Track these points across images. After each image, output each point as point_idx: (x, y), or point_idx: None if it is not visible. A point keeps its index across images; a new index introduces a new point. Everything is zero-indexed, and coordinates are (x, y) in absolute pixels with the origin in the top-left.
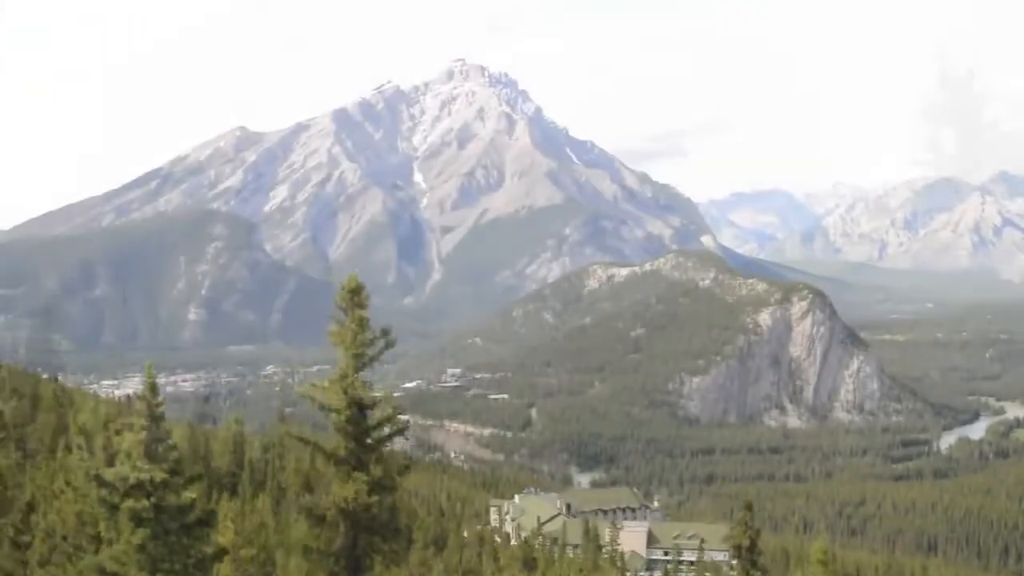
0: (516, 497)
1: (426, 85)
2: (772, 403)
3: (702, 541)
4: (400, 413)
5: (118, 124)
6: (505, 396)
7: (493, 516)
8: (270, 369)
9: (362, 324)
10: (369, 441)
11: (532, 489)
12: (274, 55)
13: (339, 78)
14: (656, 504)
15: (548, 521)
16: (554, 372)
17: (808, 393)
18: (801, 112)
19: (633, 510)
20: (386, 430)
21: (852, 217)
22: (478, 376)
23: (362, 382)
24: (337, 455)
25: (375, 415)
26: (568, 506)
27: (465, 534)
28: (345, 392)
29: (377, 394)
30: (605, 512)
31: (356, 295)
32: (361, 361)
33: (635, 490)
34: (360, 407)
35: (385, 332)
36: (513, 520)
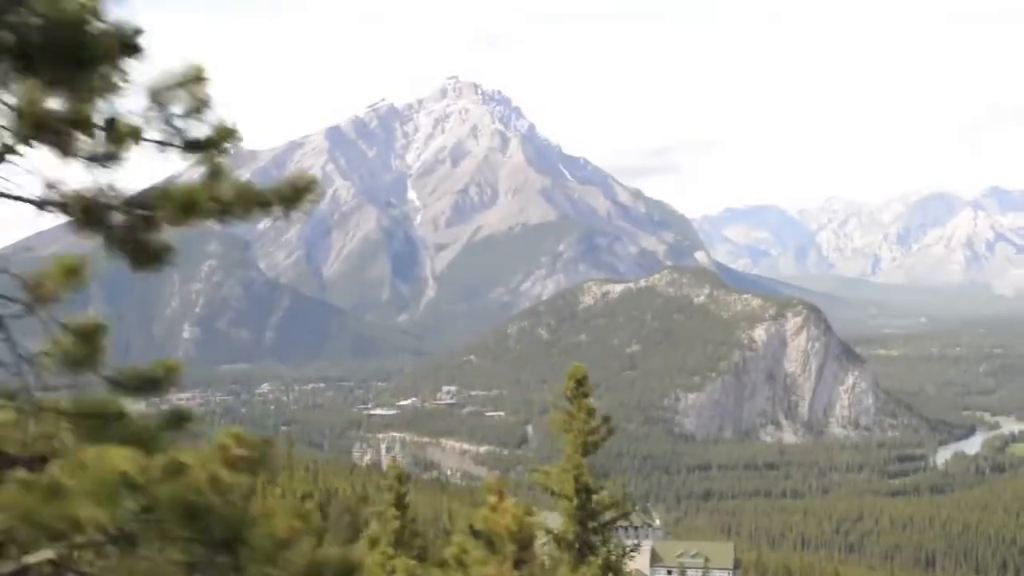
0: None
1: (419, 103)
2: (768, 419)
3: (706, 560)
4: (626, 498)
5: None
6: (501, 413)
7: None
8: (265, 387)
9: (590, 413)
10: (594, 525)
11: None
12: (267, 72)
13: (332, 96)
14: (657, 522)
15: (547, 540)
16: (549, 389)
17: (803, 408)
18: (793, 127)
19: (636, 528)
20: (610, 515)
21: (845, 232)
22: (473, 393)
23: (589, 468)
24: (566, 539)
25: (601, 500)
26: None
27: None
28: (576, 479)
29: (605, 481)
30: None
31: (581, 384)
32: (587, 448)
33: (636, 507)
34: (588, 492)
35: (606, 419)
36: None
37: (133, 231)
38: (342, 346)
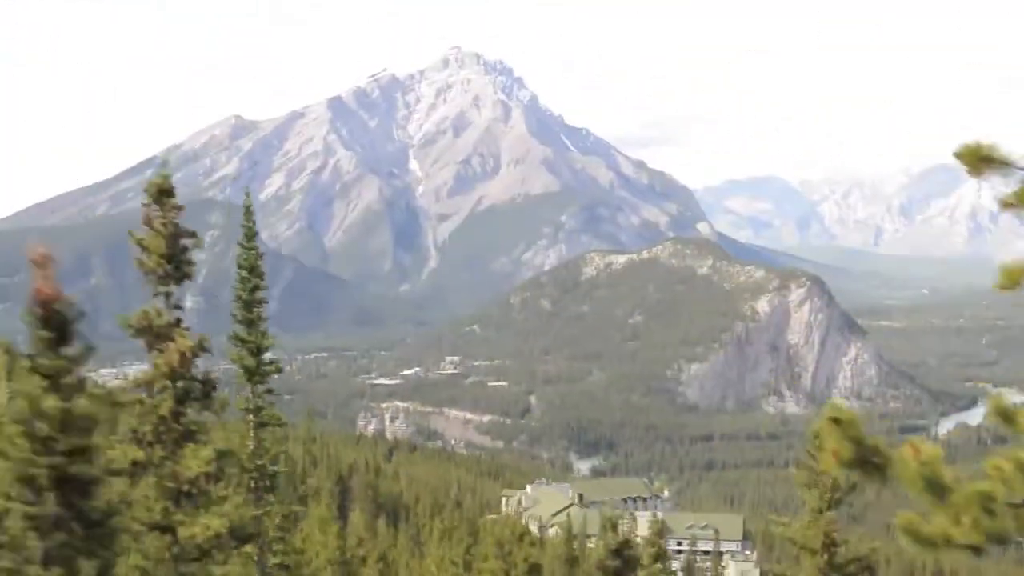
0: (528, 487)
1: (421, 73)
2: (770, 390)
3: (716, 532)
4: (873, 552)
5: (112, 112)
6: (504, 383)
7: (505, 506)
8: (267, 357)
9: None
10: None
11: (544, 480)
12: (269, 43)
13: (334, 66)
14: (666, 493)
15: (561, 512)
16: (552, 359)
17: (806, 380)
18: (796, 99)
19: (644, 500)
20: (855, 567)
21: (848, 203)
22: (476, 363)
23: (835, 523)
24: None
25: (845, 553)
26: (580, 496)
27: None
28: (825, 535)
29: (849, 537)
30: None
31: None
32: (831, 504)
33: (645, 480)
34: (835, 546)
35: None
36: (526, 510)
37: None
38: (344, 316)
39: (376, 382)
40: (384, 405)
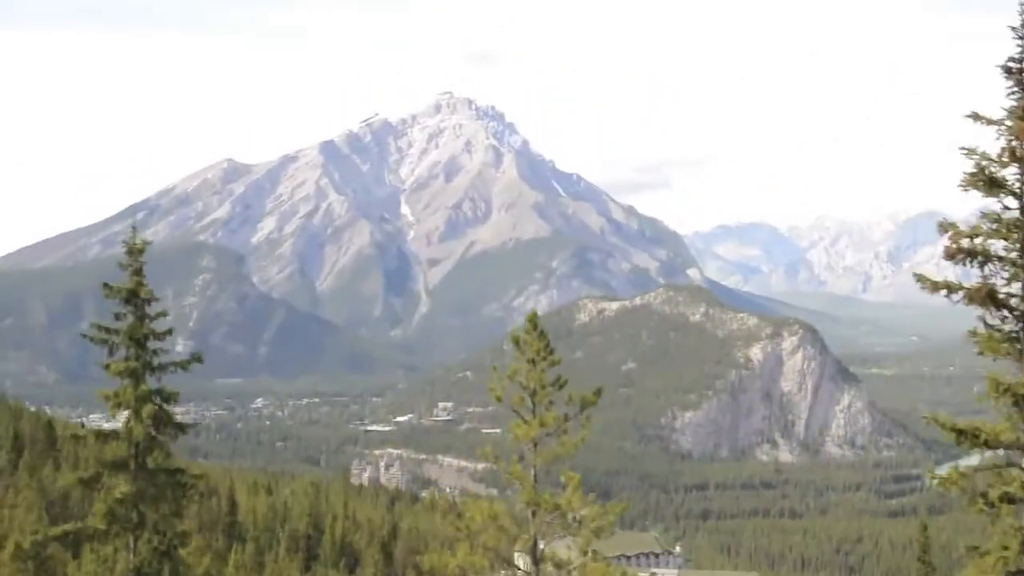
0: (540, 543)
1: (413, 118)
2: (764, 437)
3: None
4: None
5: (104, 155)
6: (497, 430)
7: (519, 562)
8: (259, 402)
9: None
10: None
11: (556, 534)
12: (262, 86)
13: (327, 110)
14: (678, 549)
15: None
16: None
17: (799, 428)
18: (784, 146)
19: (656, 555)
20: None
21: (836, 250)
22: (470, 410)
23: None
24: None
25: None
26: (594, 553)
27: None
28: None
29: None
30: (628, 557)
31: None
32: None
33: (656, 535)
34: None
35: None
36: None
37: None
38: (336, 361)
39: (369, 428)
40: (378, 452)
